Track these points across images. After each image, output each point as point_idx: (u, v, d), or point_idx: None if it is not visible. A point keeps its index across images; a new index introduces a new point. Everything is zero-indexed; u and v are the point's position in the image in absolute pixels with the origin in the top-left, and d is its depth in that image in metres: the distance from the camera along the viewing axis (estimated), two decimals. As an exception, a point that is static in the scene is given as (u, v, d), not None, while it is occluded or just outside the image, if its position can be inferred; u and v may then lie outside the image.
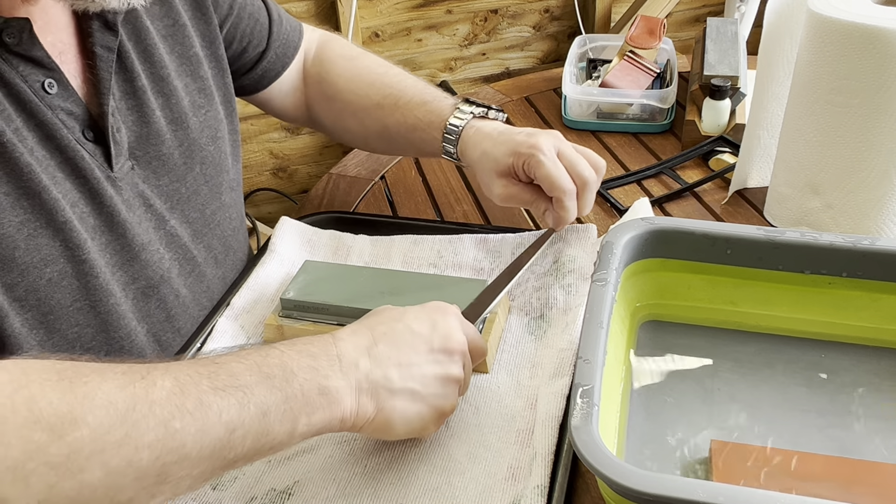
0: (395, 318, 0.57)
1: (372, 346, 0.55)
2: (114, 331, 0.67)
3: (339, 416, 0.52)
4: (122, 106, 0.68)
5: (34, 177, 0.59)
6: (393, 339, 0.56)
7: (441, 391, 0.56)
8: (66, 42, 0.65)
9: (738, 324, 0.66)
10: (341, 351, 0.54)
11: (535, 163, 0.71)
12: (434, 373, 0.56)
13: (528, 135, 0.73)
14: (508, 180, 0.75)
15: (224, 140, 0.79)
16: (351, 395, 0.52)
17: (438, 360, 0.56)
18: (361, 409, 0.53)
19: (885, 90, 0.70)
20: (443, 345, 0.57)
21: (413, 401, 0.55)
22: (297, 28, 0.91)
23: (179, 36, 0.74)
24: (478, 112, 0.79)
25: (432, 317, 0.58)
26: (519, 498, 0.55)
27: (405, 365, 0.55)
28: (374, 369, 0.54)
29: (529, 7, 2.12)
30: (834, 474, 0.53)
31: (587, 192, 0.73)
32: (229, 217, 0.81)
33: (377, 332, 0.56)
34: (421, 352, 0.56)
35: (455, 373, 0.57)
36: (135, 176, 0.69)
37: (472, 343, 0.59)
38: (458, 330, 0.58)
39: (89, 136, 0.65)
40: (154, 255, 0.70)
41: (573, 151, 0.73)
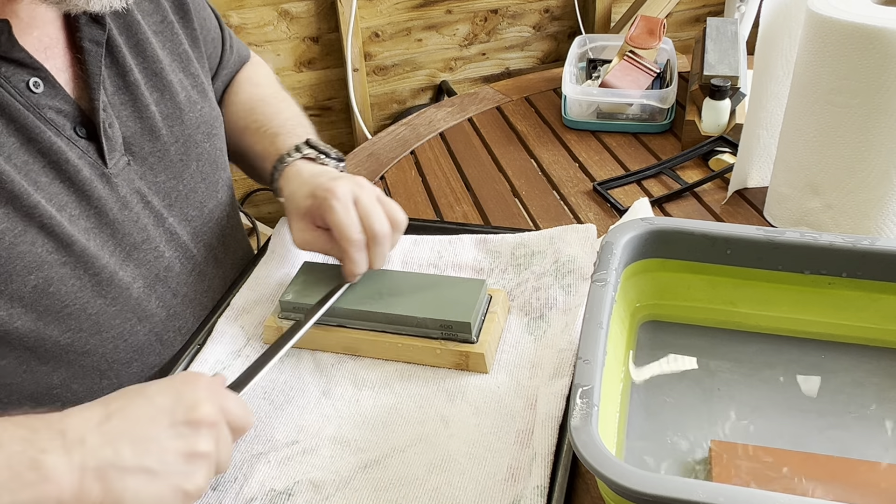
0: (135, 392, 0.53)
1: (104, 421, 0.50)
2: (108, 331, 0.67)
3: (55, 497, 0.47)
4: (116, 101, 0.68)
5: (8, 184, 0.59)
6: (129, 413, 0.51)
7: (183, 468, 0.50)
8: (52, 36, 0.65)
9: (737, 324, 0.66)
10: (67, 426, 0.49)
11: (327, 207, 0.66)
12: (175, 448, 0.50)
13: (331, 178, 0.69)
14: (306, 224, 0.70)
15: (219, 137, 0.79)
16: (71, 474, 0.47)
17: (181, 433, 0.51)
18: (85, 490, 0.48)
19: (885, 90, 0.70)
20: (187, 417, 0.51)
21: (149, 481, 0.49)
22: (245, 57, 0.92)
23: (169, 33, 0.75)
24: (309, 154, 0.76)
25: (178, 388, 0.53)
26: (519, 498, 0.55)
27: (140, 440, 0.50)
28: (103, 446, 0.49)
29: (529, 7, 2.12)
30: (834, 474, 0.53)
31: (377, 247, 0.67)
32: (227, 215, 0.81)
33: (112, 407, 0.51)
34: (162, 425, 0.51)
35: (202, 448, 0.51)
36: (131, 172, 0.68)
37: (231, 415, 0.54)
38: (206, 401, 0.53)
39: (81, 133, 0.64)
40: (151, 252, 0.70)
41: (372, 201, 0.67)
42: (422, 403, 0.64)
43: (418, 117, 1.15)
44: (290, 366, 0.69)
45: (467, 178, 0.99)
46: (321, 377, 0.68)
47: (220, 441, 0.53)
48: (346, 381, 0.67)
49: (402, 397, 0.65)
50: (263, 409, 0.65)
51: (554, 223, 0.87)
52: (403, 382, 0.67)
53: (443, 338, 0.67)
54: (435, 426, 0.62)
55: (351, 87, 2.03)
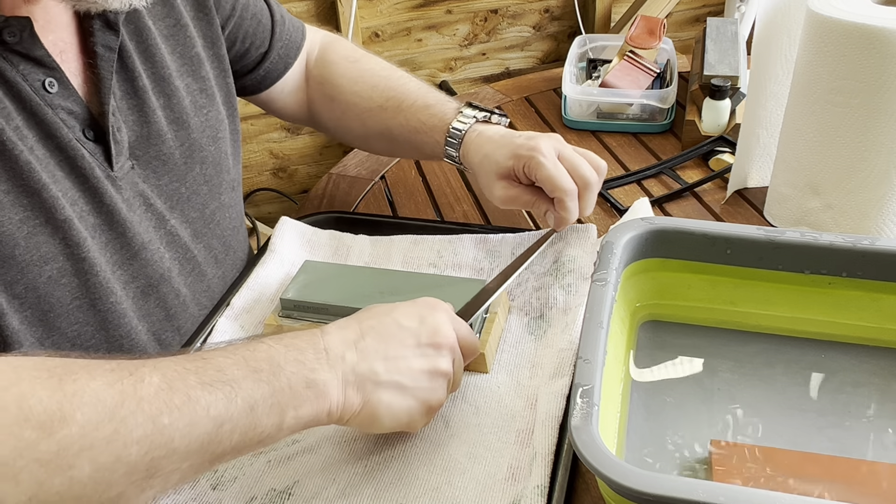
0: (383, 312, 0.58)
1: (359, 339, 0.55)
2: (113, 329, 0.67)
3: (327, 409, 0.52)
4: (123, 105, 0.68)
5: (34, 175, 0.60)
6: (380, 333, 0.56)
7: (428, 384, 0.56)
8: (67, 41, 0.65)
9: (737, 324, 0.66)
10: (328, 344, 0.54)
11: (536, 164, 0.72)
12: (421, 366, 0.56)
13: (529, 138, 0.74)
14: (509, 182, 0.75)
15: (225, 140, 0.79)
16: (338, 387, 0.53)
17: (426, 353, 0.56)
18: (348, 401, 0.53)
19: (885, 90, 0.70)
20: (430, 339, 0.57)
21: (400, 394, 0.55)
22: (300, 28, 0.91)
23: (181, 36, 0.74)
24: (480, 116, 0.80)
25: (421, 312, 0.58)
26: (519, 498, 0.55)
27: (392, 358, 0.55)
28: (360, 362, 0.54)
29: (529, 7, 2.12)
30: (834, 474, 0.53)
31: (588, 193, 0.73)
32: (229, 217, 0.81)
33: (364, 326, 0.56)
34: (408, 345, 0.56)
35: (443, 367, 0.57)
36: (135, 175, 0.69)
37: (463, 340, 0.60)
38: (446, 325, 0.58)
39: (90, 136, 0.65)
40: (154, 254, 0.70)
41: (574, 153, 0.74)
42: (422, 403, 0.64)
43: (418, 117, 1.15)
44: (290, 365, 0.69)
45: (467, 178, 0.99)
46: (321, 377, 0.68)
47: (455, 362, 0.59)
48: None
49: (402, 397, 0.65)
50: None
51: (554, 223, 0.87)
52: (403, 382, 0.67)
53: (443, 338, 0.67)
54: (435, 426, 0.62)
55: (351, 87, 2.02)
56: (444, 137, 0.80)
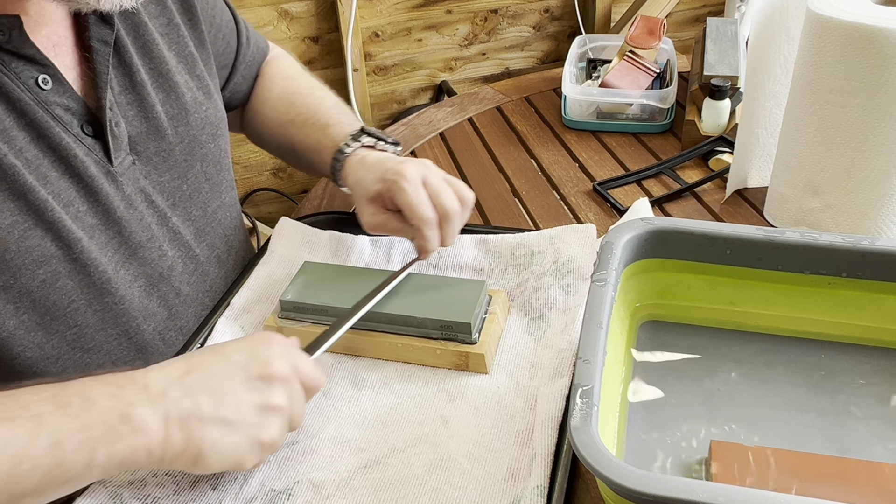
0: (212, 350, 0.56)
1: (184, 375, 0.53)
2: (113, 328, 0.67)
3: (145, 447, 0.50)
4: (122, 100, 0.68)
5: (19, 178, 0.59)
6: (207, 369, 0.54)
7: (258, 420, 0.53)
8: (61, 34, 0.65)
9: (737, 324, 0.66)
10: (149, 381, 0.52)
11: (398, 189, 0.69)
12: (250, 400, 0.53)
13: (398, 162, 0.72)
14: (377, 208, 0.73)
15: (224, 138, 0.79)
16: (158, 424, 0.50)
17: (256, 387, 0.54)
18: (170, 440, 0.51)
19: (885, 90, 0.70)
20: (261, 372, 0.54)
21: (227, 430, 0.52)
22: (263, 49, 0.92)
23: (175, 34, 0.75)
24: (368, 142, 0.78)
25: (253, 346, 0.56)
26: (519, 498, 0.55)
27: (218, 392, 0.53)
28: (183, 398, 0.52)
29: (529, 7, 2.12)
30: (834, 474, 0.53)
31: (448, 224, 0.70)
32: (230, 216, 0.81)
33: (191, 362, 0.54)
34: (237, 380, 0.53)
35: (276, 402, 0.54)
36: (136, 171, 0.69)
37: (303, 374, 0.57)
38: (279, 358, 0.55)
39: (88, 131, 0.65)
40: (155, 252, 0.70)
41: (440, 181, 0.70)
42: (422, 404, 0.64)
43: (418, 117, 1.15)
44: (290, 366, 0.69)
45: (467, 178, 0.99)
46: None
47: (292, 397, 0.55)
48: (346, 381, 0.67)
49: (401, 397, 0.65)
50: (263, 409, 0.65)
51: (554, 223, 0.87)
52: (403, 383, 0.67)
53: (443, 338, 0.67)
54: (435, 426, 0.62)
55: (351, 87, 2.03)
56: (331, 159, 0.79)
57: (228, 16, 0.86)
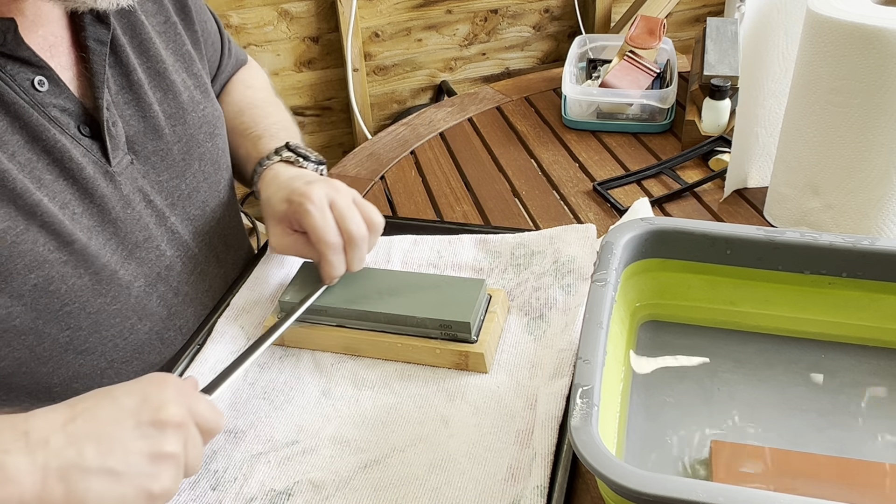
0: (102, 393, 0.52)
1: (69, 421, 0.49)
2: (107, 329, 0.67)
3: (17, 497, 0.47)
4: (119, 100, 0.68)
5: (9, 183, 0.59)
6: (94, 415, 0.50)
7: (148, 469, 0.49)
8: (57, 35, 0.65)
9: (737, 324, 0.65)
10: (31, 427, 0.49)
11: (303, 211, 0.66)
12: (140, 448, 0.49)
13: (306, 183, 0.69)
14: (284, 229, 0.70)
15: (222, 137, 0.79)
16: (33, 474, 0.47)
17: (147, 434, 0.50)
18: (47, 491, 0.47)
19: (885, 90, 0.70)
20: (153, 417, 0.50)
21: (113, 481, 0.48)
22: (242, 62, 0.92)
23: (172, 33, 0.75)
24: (288, 157, 0.76)
25: (145, 389, 0.52)
26: (519, 498, 0.55)
27: (105, 441, 0.49)
28: (66, 447, 0.48)
29: (529, 7, 2.12)
30: (834, 474, 0.53)
31: (354, 249, 0.67)
32: (229, 215, 0.81)
33: (78, 408, 0.50)
34: (126, 427, 0.50)
35: (168, 449, 0.50)
36: (134, 171, 0.69)
37: (200, 417, 0.53)
38: (173, 402, 0.52)
39: (85, 132, 0.64)
40: (153, 252, 0.70)
41: (348, 204, 0.67)
42: (421, 403, 0.64)
43: (418, 117, 1.15)
44: (289, 365, 0.69)
45: (467, 178, 0.99)
46: (321, 377, 0.68)
47: (188, 442, 0.52)
48: (346, 380, 0.67)
49: (401, 397, 0.65)
50: (263, 409, 0.65)
51: (554, 223, 0.87)
52: (403, 382, 0.67)
53: (442, 338, 0.67)
54: (435, 426, 0.62)
55: (351, 87, 2.03)
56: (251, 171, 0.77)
57: (214, 26, 0.87)
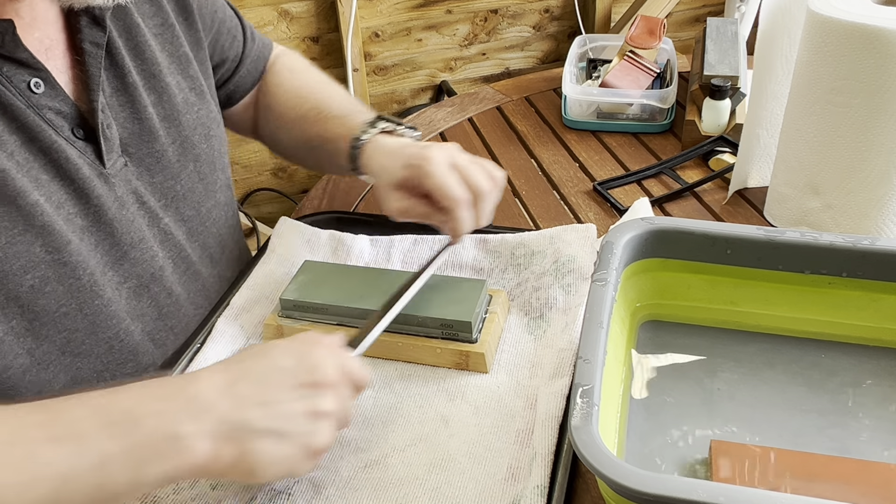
0: (258, 353, 0.55)
1: (232, 384, 0.52)
2: (103, 332, 0.67)
3: (192, 463, 0.49)
4: (114, 102, 0.68)
5: (9, 182, 0.59)
6: (255, 377, 0.53)
7: (309, 428, 0.52)
8: (53, 38, 0.65)
9: (737, 324, 0.66)
10: (198, 391, 0.51)
11: (425, 173, 0.68)
12: (300, 409, 0.52)
13: (422, 147, 0.71)
14: (403, 194, 0.71)
15: (218, 138, 0.79)
16: (205, 440, 0.49)
17: (305, 395, 0.53)
18: (220, 454, 0.50)
19: (885, 90, 0.70)
20: (309, 378, 0.53)
21: (279, 442, 0.51)
22: (269, 46, 0.92)
23: (169, 35, 0.75)
24: (386, 127, 0.77)
25: (300, 349, 0.55)
26: (519, 498, 0.55)
27: (268, 403, 0.52)
28: (233, 410, 0.51)
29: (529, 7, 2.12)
30: (834, 474, 0.53)
31: (482, 202, 0.69)
32: (225, 216, 0.81)
33: (239, 369, 0.53)
34: (285, 388, 0.53)
35: (325, 407, 0.53)
36: (128, 173, 0.69)
37: (350, 374, 0.56)
38: (326, 362, 0.55)
39: (79, 134, 0.64)
40: (146, 252, 0.70)
41: (468, 161, 0.70)
42: (422, 403, 0.64)
43: (418, 117, 1.15)
44: (290, 365, 0.69)
45: (467, 178, 0.99)
46: (321, 377, 0.68)
47: (341, 399, 0.55)
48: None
49: (402, 397, 0.65)
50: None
51: (554, 223, 0.87)
52: (403, 382, 0.67)
53: (443, 337, 0.67)
54: (435, 426, 0.62)
55: (351, 87, 2.03)
56: (348, 147, 0.78)
57: (231, 13, 0.86)
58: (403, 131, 0.78)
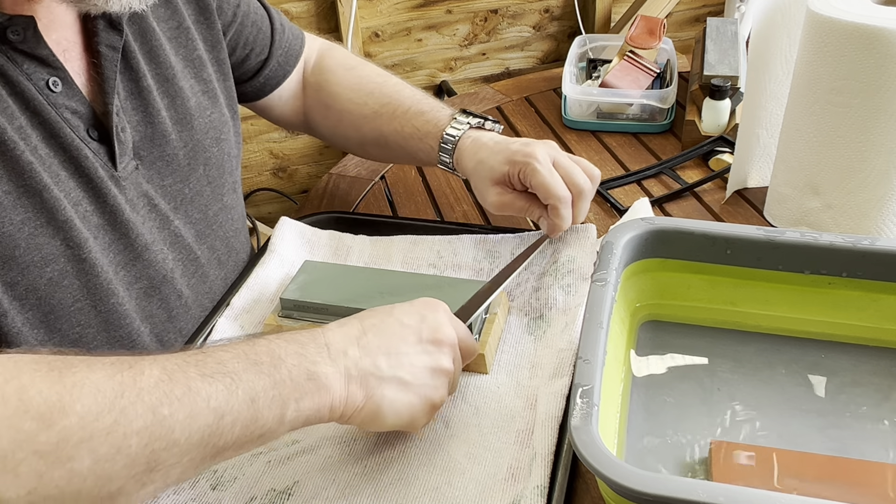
0: (384, 311, 0.58)
1: (361, 335, 0.55)
2: (115, 330, 0.67)
3: (328, 403, 0.52)
4: (128, 105, 0.68)
5: (35, 175, 0.60)
6: (382, 330, 0.56)
7: (430, 382, 0.56)
8: (70, 40, 0.66)
9: (737, 324, 0.66)
10: (329, 340, 0.54)
11: (531, 171, 0.72)
12: (423, 363, 0.56)
13: (524, 144, 0.74)
14: (503, 188, 0.75)
15: (228, 142, 0.79)
16: (340, 381, 0.53)
17: (428, 350, 0.57)
18: (351, 396, 0.53)
19: (885, 90, 0.70)
20: (432, 336, 0.57)
21: (402, 390, 0.55)
22: (300, 37, 0.92)
23: (184, 38, 0.75)
24: (474, 123, 0.80)
25: (421, 311, 0.58)
26: (519, 498, 0.55)
27: (394, 354, 0.55)
28: (363, 357, 0.54)
29: (529, 7, 2.12)
30: (834, 474, 0.53)
31: (582, 201, 0.73)
32: (231, 219, 0.81)
33: (366, 323, 0.56)
34: (410, 342, 0.56)
35: (445, 364, 0.57)
36: (139, 176, 0.69)
37: (462, 340, 0.60)
38: (446, 324, 0.58)
39: (94, 135, 0.65)
40: (157, 254, 0.70)
41: (568, 160, 0.73)
42: (422, 403, 0.64)
43: (418, 117, 1.15)
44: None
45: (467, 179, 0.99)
46: (321, 377, 0.68)
47: (455, 361, 0.59)
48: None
49: (402, 397, 0.65)
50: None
51: (554, 223, 0.87)
52: (403, 382, 0.67)
53: (443, 338, 0.67)
54: (435, 426, 0.62)
55: (351, 87, 2.02)
56: (437, 143, 0.80)
57: (256, 3, 0.86)
58: (492, 125, 0.81)
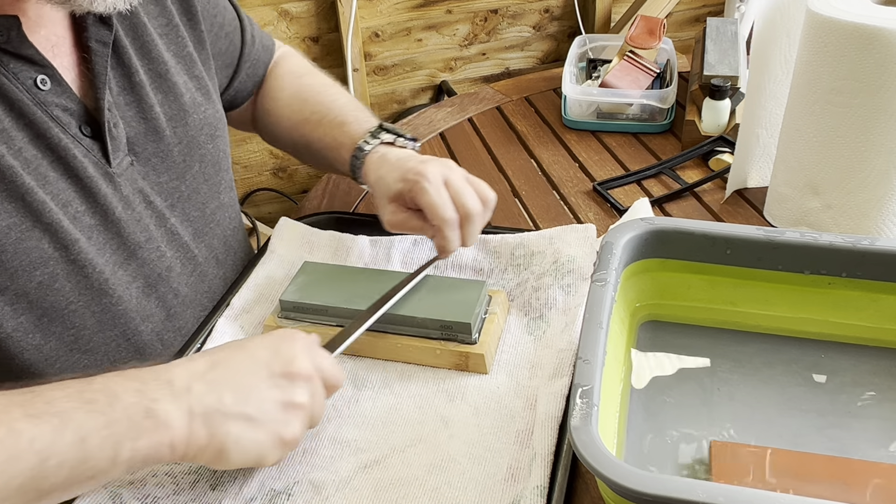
0: (236, 346, 0.56)
1: (208, 371, 0.53)
2: (112, 330, 0.67)
3: (169, 442, 0.50)
4: (121, 101, 0.68)
5: (17, 179, 0.59)
6: (230, 365, 0.54)
7: (281, 417, 0.54)
8: (60, 35, 0.65)
9: (737, 324, 0.66)
10: (173, 376, 0.52)
11: (419, 190, 0.69)
12: (273, 397, 0.54)
13: (420, 162, 0.72)
14: (397, 206, 0.73)
15: (222, 139, 0.79)
16: (181, 419, 0.51)
17: (279, 384, 0.54)
18: (193, 435, 0.51)
19: (885, 90, 0.70)
20: (284, 369, 0.55)
21: (249, 427, 0.53)
22: (270, 48, 0.92)
23: (174, 35, 0.75)
24: (387, 139, 0.78)
25: (276, 344, 0.56)
26: (518, 498, 0.55)
27: (242, 389, 0.53)
28: (207, 393, 0.52)
29: (529, 7, 2.12)
30: (834, 474, 0.53)
31: (469, 224, 0.70)
32: (229, 217, 0.81)
33: (215, 358, 0.55)
34: (260, 376, 0.54)
35: (298, 399, 0.55)
36: (134, 172, 0.69)
37: (323, 371, 0.57)
38: (302, 356, 0.56)
39: (86, 132, 0.65)
40: (153, 252, 0.70)
41: (462, 181, 0.70)
42: (421, 404, 0.64)
43: (418, 117, 1.15)
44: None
45: (467, 179, 0.99)
46: (321, 377, 0.68)
47: (314, 395, 0.56)
48: (346, 381, 0.67)
49: (401, 397, 0.65)
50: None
51: (554, 223, 0.87)
52: (403, 383, 0.67)
53: (443, 338, 0.67)
54: (435, 426, 0.62)
55: (351, 87, 2.03)
56: (350, 156, 0.79)
57: (232, 14, 0.86)
58: (404, 143, 0.79)
